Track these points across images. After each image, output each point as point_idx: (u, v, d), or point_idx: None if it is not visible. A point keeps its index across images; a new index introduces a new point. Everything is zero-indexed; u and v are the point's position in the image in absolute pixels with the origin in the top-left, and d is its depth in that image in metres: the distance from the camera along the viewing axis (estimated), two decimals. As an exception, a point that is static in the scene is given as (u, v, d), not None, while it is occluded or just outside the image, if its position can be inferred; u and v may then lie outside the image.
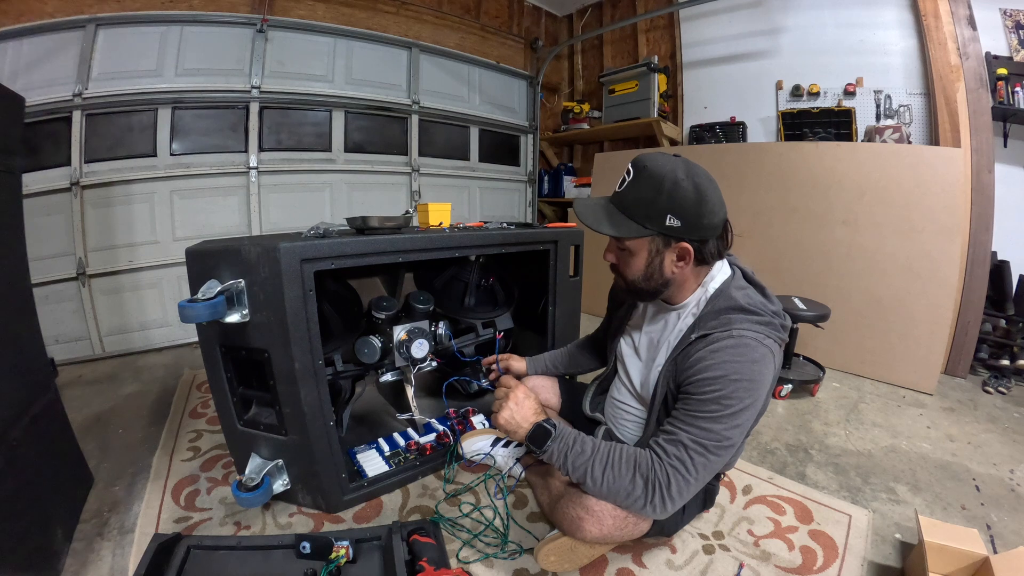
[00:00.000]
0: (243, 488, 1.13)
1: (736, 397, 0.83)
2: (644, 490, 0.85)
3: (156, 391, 2.06)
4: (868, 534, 1.21)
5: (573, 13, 4.24)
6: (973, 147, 2.33)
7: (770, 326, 0.89)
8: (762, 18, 3.11)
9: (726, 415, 0.83)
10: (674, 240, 0.91)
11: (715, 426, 0.83)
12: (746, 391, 0.83)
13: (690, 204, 0.87)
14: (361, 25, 3.09)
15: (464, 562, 1.09)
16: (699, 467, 0.84)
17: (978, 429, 1.85)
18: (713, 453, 0.84)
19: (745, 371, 0.83)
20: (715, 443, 0.84)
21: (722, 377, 0.83)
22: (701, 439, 0.84)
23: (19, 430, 1.00)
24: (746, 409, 0.84)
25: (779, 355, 0.90)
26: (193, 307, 0.98)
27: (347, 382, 1.55)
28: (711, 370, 0.84)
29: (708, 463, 0.85)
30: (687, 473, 0.84)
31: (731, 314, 0.89)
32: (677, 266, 0.94)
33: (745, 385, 0.83)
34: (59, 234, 2.35)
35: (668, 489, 0.84)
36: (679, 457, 0.84)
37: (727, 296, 0.93)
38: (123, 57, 2.41)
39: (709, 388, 0.84)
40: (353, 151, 3.19)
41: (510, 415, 0.99)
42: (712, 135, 3.32)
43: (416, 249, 1.29)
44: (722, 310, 0.91)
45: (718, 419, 0.83)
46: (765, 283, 1.00)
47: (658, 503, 0.85)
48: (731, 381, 0.83)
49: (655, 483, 0.84)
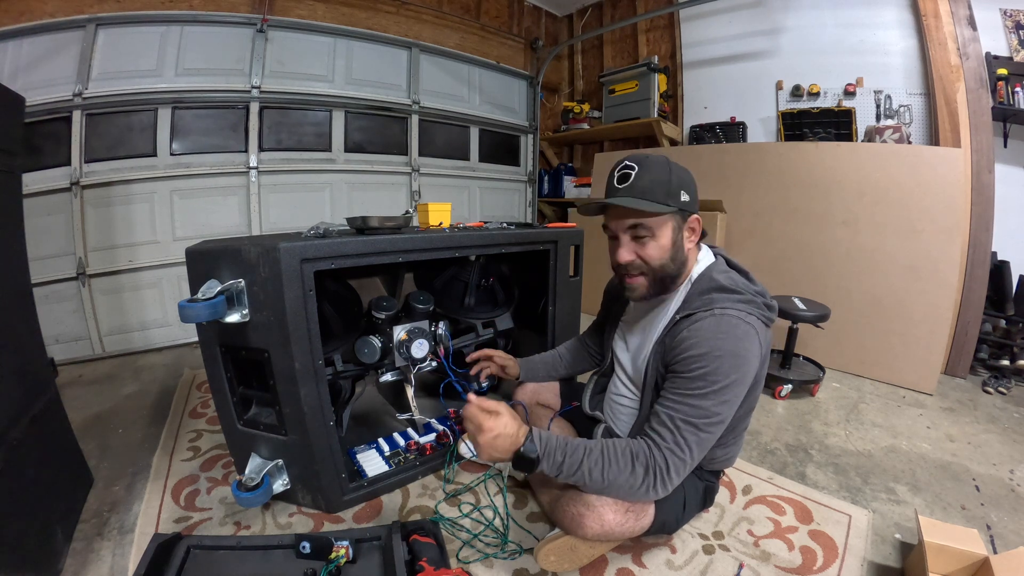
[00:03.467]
0: (243, 488, 1.13)
1: (722, 372, 0.85)
2: (644, 478, 0.86)
3: (156, 391, 2.06)
4: (868, 534, 1.21)
5: (573, 13, 4.24)
6: (973, 147, 2.33)
7: (752, 304, 0.92)
8: (762, 18, 3.11)
9: (713, 391, 0.85)
10: (688, 214, 0.97)
11: (703, 402, 0.85)
12: (731, 366, 0.86)
13: (689, 179, 0.97)
14: (361, 25, 3.09)
15: (464, 562, 1.09)
16: (692, 445, 0.86)
17: (978, 429, 1.85)
18: (704, 430, 0.86)
19: (728, 346, 0.86)
20: (705, 419, 0.86)
21: (706, 354, 0.86)
22: (691, 417, 0.86)
23: (19, 430, 1.00)
24: (733, 384, 0.86)
25: (764, 333, 0.92)
26: (193, 307, 0.98)
27: (347, 382, 1.55)
28: (695, 347, 0.87)
29: (700, 440, 0.87)
30: (682, 453, 0.86)
31: (713, 294, 0.94)
32: (690, 241, 1.00)
33: (729, 360, 0.85)
34: (59, 234, 2.35)
35: (667, 472, 0.86)
36: (673, 439, 0.86)
37: (709, 278, 0.97)
38: (123, 57, 2.40)
39: (695, 365, 0.86)
40: (353, 151, 3.19)
41: (488, 455, 0.88)
42: (712, 135, 3.32)
43: (416, 249, 1.29)
44: (704, 291, 0.95)
45: (706, 395, 0.85)
46: (765, 283, 1.01)
47: (659, 486, 0.87)
48: (715, 357, 0.85)
49: (654, 470, 0.86)
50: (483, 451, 0.88)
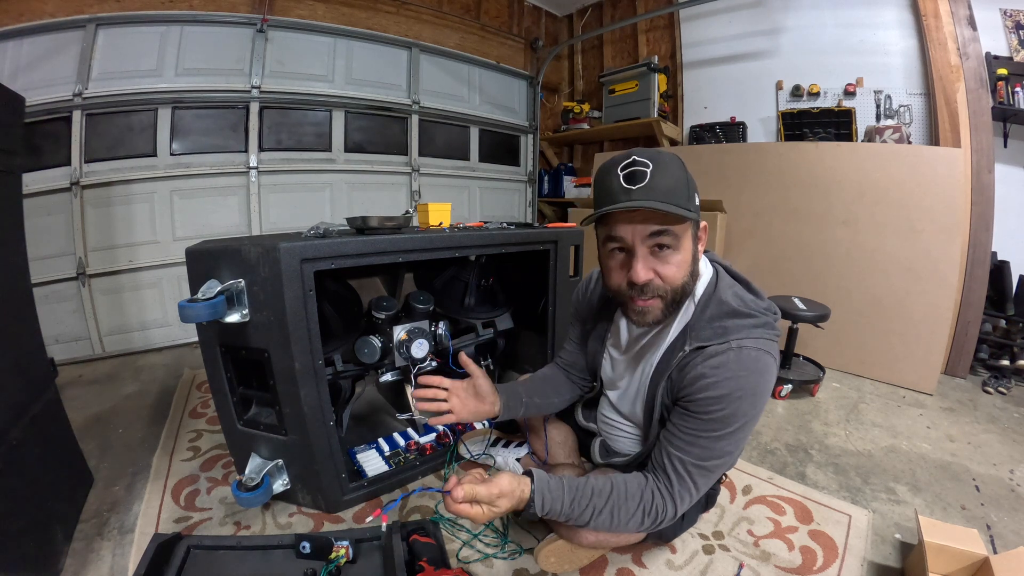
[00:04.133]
0: (243, 488, 1.13)
1: (741, 413, 0.80)
2: (653, 522, 0.84)
3: (156, 391, 2.06)
4: (868, 534, 1.21)
5: (573, 13, 4.23)
6: (973, 147, 2.33)
7: (767, 327, 0.85)
8: (762, 18, 3.11)
9: (729, 432, 0.80)
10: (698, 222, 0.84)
11: (717, 444, 0.81)
12: (751, 405, 0.80)
13: (694, 181, 0.82)
14: (361, 25, 3.09)
15: (464, 562, 1.09)
16: (701, 484, 0.85)
17: (978, 429, 1.85)
18: (713, 471, 0.84)
19: (750, 385, 0.79)
20: (717, 459, 0.83)
21: (726, 396, 0.78)
22: (703, 459, 0.82)
23: (19, 430, 1.00)
24: (748, 423, 0.82)
25: (777, 354, 0.86)
26: (193, 307, 0.98)
27: (347, 382, 1.55)
28: (714, 388, 0.79)
29: (709, 478, 0.85)
30: (691, 495, 0.85)
31: (726, 321, 0.83)
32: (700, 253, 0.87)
33: (750, 400, 0.80)
34: (59, 234, 2.35)
35: (675, 512, 0.85)
36: (681, 483, 0.83)
37: (719, 301, 0.85)
38: (123, 57, 2.40)
39: (713, 408, 0.79)
40: (353, 151, 3.19)
41: (494, 517, 0.80)
42: (712, 135, 3.32)
43: (416, 249, 1.29)
44: (716, 316, 0.84)
45: (721, 438, 0.81)
46: (765, 283, 0.99)
47: (665, 524, 0.86)
48: (736, 399, 0.78)
49: (663, 512, 0.84)
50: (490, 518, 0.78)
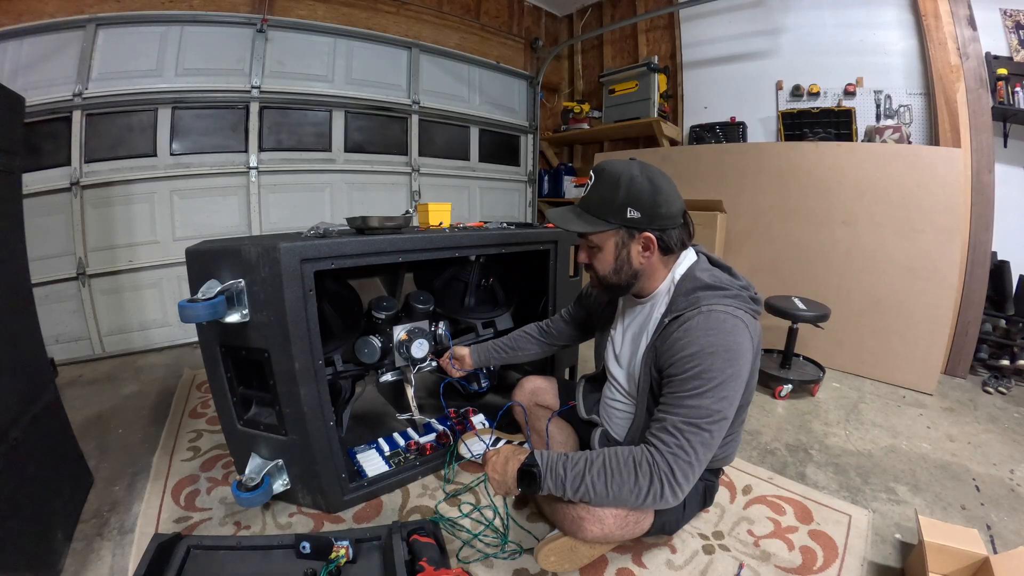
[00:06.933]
0: (243, 488, 1.13)
1: (716, 369, 0.85)
2: (650, 487, 0.84)
3: (156, 391, 2.06)
4: (868, 534, 1.21)
5: (573, 13, 4.23)
6: (973, 147, 2.33)
7: (738, 298, 0.93)
8: (762, 18, 3.11)
9: (710, 388, 0.84)
10: (637, 231, 0.96)
11: (702, 401, 0.84)
12: (725, 362, 0.85)
13: (646, 195, 0.94)
14: (361, 25, 3.09)
15: (464, 562, 1.09)
16: (697, 446, 0.84)
17: (978, 429, 1.85)
18: (706, 429, 0.84)
19: (719, 341, 0.86)
20: (707, 419, 0.84)
21: (698, 352, 0.86)
22: (692, 418, 0.84)
23: (19, 430, 1.00)
24: (729, 380, 0.86)
25: (753, 325, 0.93)
26: (193, 307, 0.98)
27: (347, 382, 1.55)
28: (687, 347, 0.87)
29: (704, 440, 0.85)
30: (687, 456, 0.84)
31: (699, 292, 0.94)
32: (644, 256, 0.99)
33: (723, 356, 0.85)
34: (59, 234, 2.35)
35: (673, 477, 0.84)
36: (676, 443, 0.84)
37: (692, 278, 0.97)
38: (123, 57, 2.41)
39: (689, 365, 0.86)
40: (353, 151, 3.19)
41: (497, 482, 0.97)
42: (712, 135, 3.32)
43: (416, 249, 1.29)
44: (689, 290, 0.95)
45: (703, 394, 0.85)
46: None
47: (668, 494, 0.85)
48: (708, 354, 0.85)
49: (660, 476, 0.84)
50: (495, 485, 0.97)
